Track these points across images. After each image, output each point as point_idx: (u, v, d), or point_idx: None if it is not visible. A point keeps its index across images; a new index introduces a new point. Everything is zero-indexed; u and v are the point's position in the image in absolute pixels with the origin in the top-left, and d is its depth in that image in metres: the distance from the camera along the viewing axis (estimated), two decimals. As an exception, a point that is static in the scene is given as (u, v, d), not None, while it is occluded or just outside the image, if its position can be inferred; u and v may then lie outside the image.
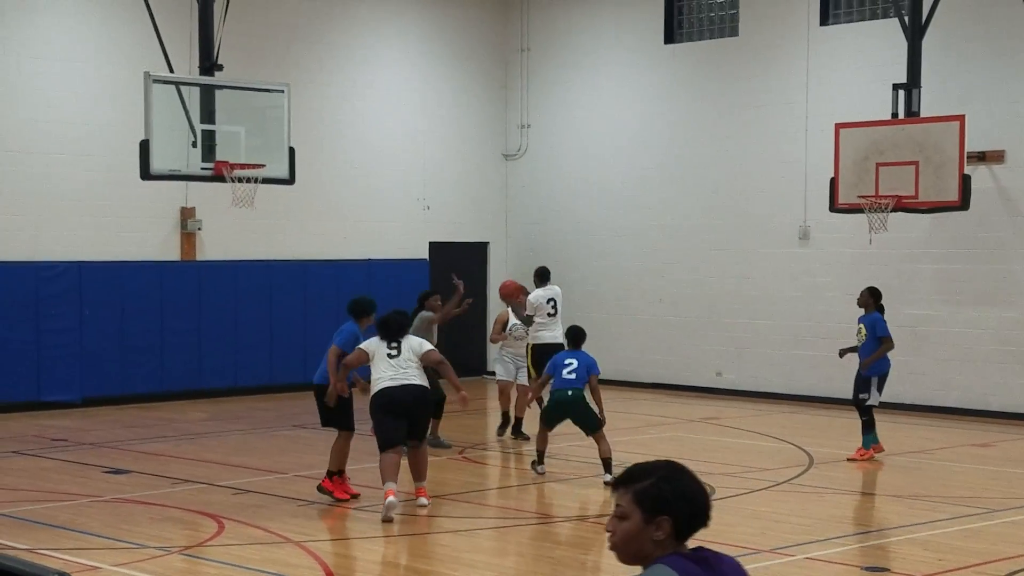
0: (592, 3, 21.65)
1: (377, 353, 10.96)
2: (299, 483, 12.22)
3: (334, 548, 10.10)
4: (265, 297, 19.75)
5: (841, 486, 12.30)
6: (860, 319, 14.09)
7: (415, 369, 10.96)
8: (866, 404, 13.68)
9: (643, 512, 3.30)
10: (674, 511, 3.30)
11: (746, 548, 9.71)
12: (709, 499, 3.39)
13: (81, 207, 18.20)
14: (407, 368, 10.91)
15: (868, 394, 13.68)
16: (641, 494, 3.32)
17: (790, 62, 19.32)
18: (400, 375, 10.88)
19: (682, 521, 3.31)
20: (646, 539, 3.31)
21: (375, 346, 11.01)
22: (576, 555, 9.81)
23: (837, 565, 9.16)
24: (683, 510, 3.30)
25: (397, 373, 10.89)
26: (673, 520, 3.31)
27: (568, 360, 12.44)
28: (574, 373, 12.39)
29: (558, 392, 12.38)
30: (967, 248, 17.63)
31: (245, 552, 9.55)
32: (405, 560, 9.88)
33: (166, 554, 9.51)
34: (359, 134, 21.11)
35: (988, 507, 11.25)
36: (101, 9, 18.25)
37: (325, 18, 20.68)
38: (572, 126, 22.03)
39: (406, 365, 10.94)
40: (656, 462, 3.44)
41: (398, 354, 10.97)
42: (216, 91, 13.43)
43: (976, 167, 16.90)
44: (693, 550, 3.35)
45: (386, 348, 10.99)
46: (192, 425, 16.44)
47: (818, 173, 18.05)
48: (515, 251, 22.89)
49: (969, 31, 17.55)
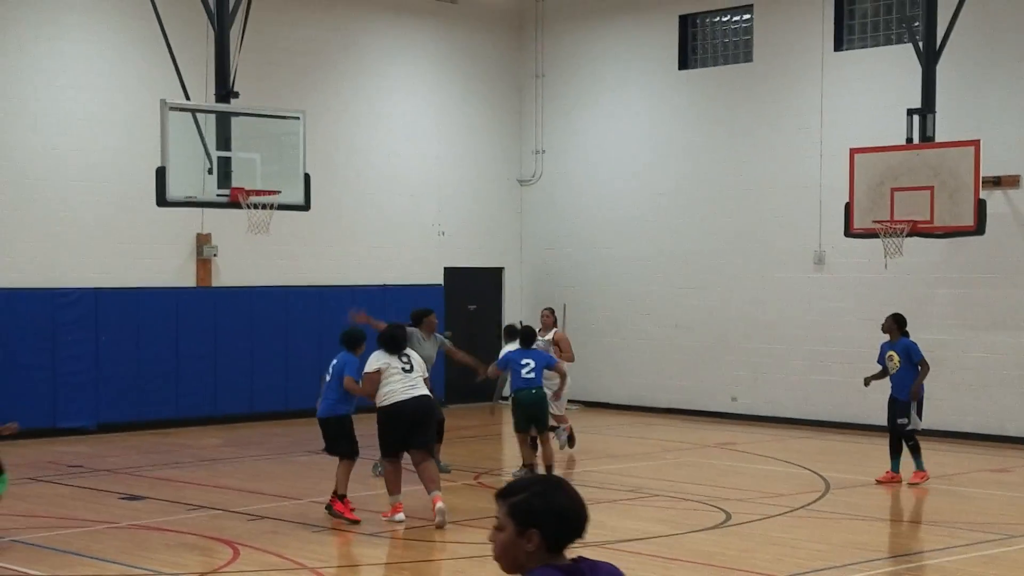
0: (606, 29, 21.72)
1: (391, 367, 11.41)
2: (314, 509, 12.21)
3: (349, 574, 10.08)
4: (280, 323, 19.78)
5: (858, 512, 12.24)
6: (889, 346, 14.11)
7: (422, 382, 11.59)
8: (907, 429, 13.64)
9: (515, 524, 3.47)
10: (543, 524, 3.44)
11: (763, 574, 9.68)
12: (584, 512, 3.51)
13: (97, 234, 18.29)
14: (416, 381, 11.50)
15: (908, 419, 13.65)
16: (514, 507, 3.49)
17: (804, 87, 19.34)
18: (411, 388, 11.43)
19: (551, 533, 3.45)
20: (520, 550, 3.47)
21: (386, 361, 11.43)
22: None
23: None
24: (552, 523, 3.44)
25: (407, 387, 11.41)
26: (542, 532, 3.44)
27: (524, 360, 13.06)
28: (533, 372, 13.44)
29: (522, 392, 13.39)
30: (983, 273, 17.58)
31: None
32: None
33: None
34: (374, 160, 21.19)
35: (1006, 533, 11.18)
36: (118, 37, 18.38)
37: (340, 45, 20.79)
38: (587, 152, 22.07)
39: (416, 379, 11.53)
40: (533, 477, 3.67)
41: (411, 369, 11.53)
42: (232, 118, 13.50)
43: (991, 192, 16.87)
44: (573, 560, 3.48)
45: (399, 362, 11.48)
46: (207, 451, 16.45)
47: (833, 198, 18.03)
48: (530, 277, 22.90)
49: (984, 56, 17.55)
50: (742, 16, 20.31)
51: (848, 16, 19.17)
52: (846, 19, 19.17)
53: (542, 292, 22.60)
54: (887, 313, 18.44)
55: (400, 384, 11.34)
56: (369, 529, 11.34)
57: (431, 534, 11.36)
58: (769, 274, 19.67)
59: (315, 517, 11.78)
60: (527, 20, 22.75)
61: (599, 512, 12.20)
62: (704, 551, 10.62)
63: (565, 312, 22.14)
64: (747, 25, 20.22)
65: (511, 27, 22.79)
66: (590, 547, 11.12)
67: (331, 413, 11.84)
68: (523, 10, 22.74)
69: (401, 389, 11.31)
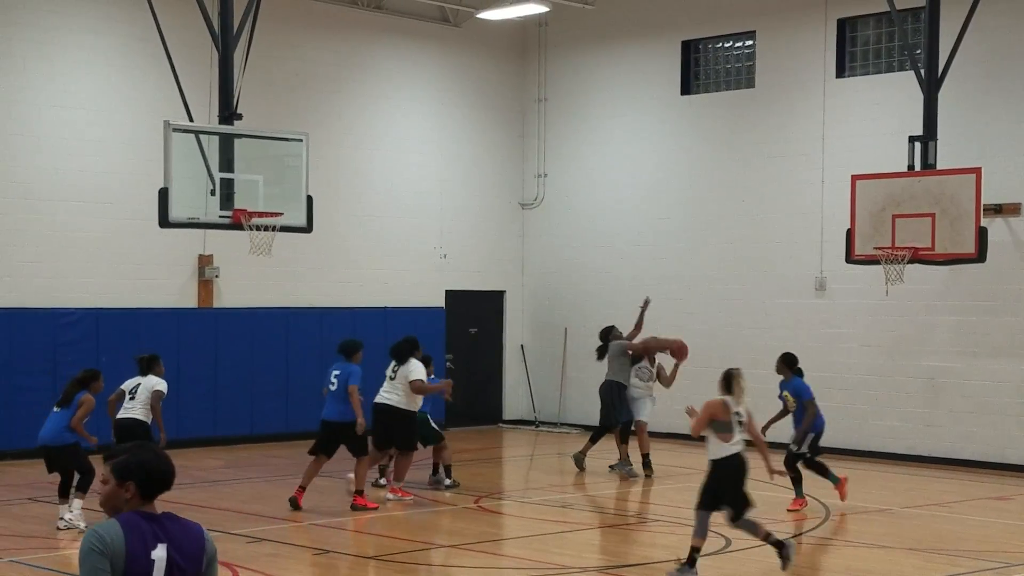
0: (609, 54, 21.79)
1: (387, 374, 13.87)
2: (314, 532, 12.18)
3: (348, 597, 10.05)
4: (282, 345, 19.78)
5: (858, 538, 12.21)
6: (783, 385, 13.97)
7: (397, 392, 13.72)
8: (794, 452, 13.60)
9: (116, 478, 4.42)
10: (136, 477, 4.41)
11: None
12: (169, 469, 4.52)
13: (99, 254, 18.30)
14: (391, 389, 13.76)
15: (798, 445, 13.60)
16: (115, 465, 4.44)
17: (806, 113, 19.39)
18: (385, 395, 13.83)
19: (143, 485, 4.42)
20: (119, 499, 4.42)
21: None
22: (591, 607, 9.74)
23: (854, 619, 9.08)
24: (143, 477, 4.42)
25: (384, 392, 13.83)
26: (137, 484, 4.41)
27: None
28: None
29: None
30: (984, 300, 17.58)
31: (259, 601, 9.51)
32: (419, 610, 9.83)
33: (180, 602, 9.46)
34: (377, 182, 21.23)
35: (1007, 561, 11.15)
36: (122, 58, 18.44)
37: (344, 68, 20.86)
38: (589, 176, 22.11)
39: (392, 387, 13.78)
40: (133, 443, 4.57)
41: (394, 377, 13.82)
42: (235, 140, 13.53)
43: (992, 220, 16.90)
44: (162, 513, 4.47)
45: (389, 371, 13.85)
46: (208, 472, 16.43)
47: (834, 224, 18.05)
48: (531, 300, 22.91)
49: (985, 84, 17.60)
50: (744, 42, 20.38)
51: (850, 43, 19.23)
52: (848, 46, 19.23)
53: (543, 316, 22.61)
54: (890, 340, 18.51)
55: (382, 390, 13.89)
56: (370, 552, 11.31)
57: (431, 557, 11.33)
58: (771, 300, 19.67)
59: (315, 539, 11.75)
60: (530, 44, 22.83)
61: (601, 537, 12.18)
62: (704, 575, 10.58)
63: (566, 337, 22.15)
64: (749, 51, 20.28)
65: (514, 51, 22.87)
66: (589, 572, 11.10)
67: (343, 418, 13.42)
68: (526, 34, 22.82)
69: (380, 393, 13.88)
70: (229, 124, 13.70)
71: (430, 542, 12.18)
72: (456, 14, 21.90)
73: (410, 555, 11.39)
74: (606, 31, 21.76)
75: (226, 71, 13.80)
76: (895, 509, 14.00)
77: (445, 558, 11.28)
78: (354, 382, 13.37)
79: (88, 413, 12.43)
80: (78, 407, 12.38)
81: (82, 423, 12.40)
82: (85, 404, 12.39)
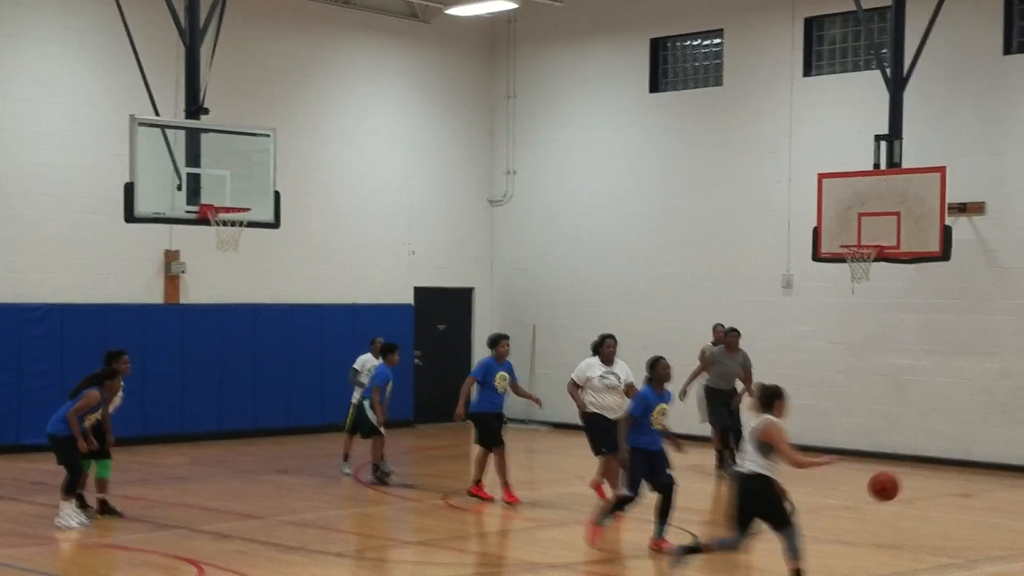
0: (578, 51, 21.82)
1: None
2: (282, 528, 12.15)
3: (315, 594, 10.02)
4: (249, 341, 19.70)
5: (824, 535, 12.28)
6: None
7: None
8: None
9: None
10: None
11: (728, 597, 9.68)
12: None
13: (65, 249, 18.18)
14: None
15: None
16: None
17: (773, 112, 19.48)
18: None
19: None
20: None
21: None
22: (558, 603, 9.77)
23: (819, 615, 9.14)
24: None
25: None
26: None
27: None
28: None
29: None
30: (949, 299, 17.72)
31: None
32: (386, 607, 9.83)
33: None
34: (345, 178, 21.18)
35: (969, 557, 11.25)
36: (88, 53, 18.31)
37: (313, 63, 20.79)
38: (557, 173, 22.13)
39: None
40: None
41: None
42: (202, 135, 13.48)
43: (957, 218, 17.03)
44: None
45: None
46: (174, 469, 16.35)
47: (801, 222, 18.15)
48: (500, 297, 22.92)
49: (950, 84, 17.73)
50: (712, 40, 20.45)
51: (817, 42, 19.33)
52: (815, 45, 19.33)
53: (512, 312, 22.62)
54: (855, 337, 18.62)
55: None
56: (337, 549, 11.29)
57: (399, 554, 11.32)
58: (738, 298, 19.75)
59: (282, 536, 11.72)
60: (499, 41, 22.82)
61: (567, 533, 12.20)
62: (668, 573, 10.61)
63: (535, 334, 22.17)
64: (717, 49, 20.35)
65: (483, 48, 22.86)
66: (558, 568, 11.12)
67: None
68: (495, 31, 22.82)
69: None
70: (195, 119, 13.64)
71: (397, 539, 12.17)
72: (425, 10, 21.86)
73: (378, 552, 11.38)
74: (575, 28, 21.78)
75: (193, 65, 13.75)
76: (860, 506, 14.07)
77: (413, 555, 11.27)
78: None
79: (87, 408, 12.12)
80: (79, 399, 12.11)
81: (77, 416, 12.09)
82: (85, 398, 12.11)
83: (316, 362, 19.95)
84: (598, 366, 13.01)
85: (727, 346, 16.42)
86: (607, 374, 12.97)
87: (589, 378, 12.99)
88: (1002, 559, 11.03)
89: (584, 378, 13.02)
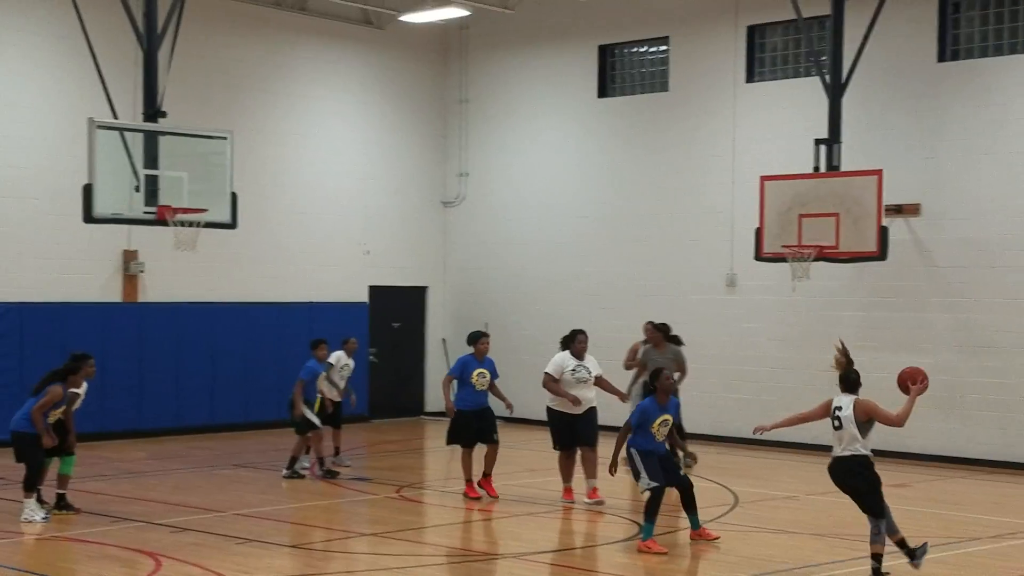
0: (529, 57, 21.84)
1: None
2: (238, 521, 12.08)
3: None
4: (207, 339, 19.58)
5: (765, 525, 12.38)
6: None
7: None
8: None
9: None
10: None
11: (673, 585, 9.73)
12: None
13: (24, 249, 17.98)
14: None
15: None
16: None
17: (717, 116, 19.60)
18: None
19: None
20: None
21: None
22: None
23: (760, 601, 9.21)
24: None
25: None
26: None
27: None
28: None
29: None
30: (886, 297, 17.89)
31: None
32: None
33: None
34: (302, 180, 21.09)
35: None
36: (47, 56, 18.12)
37: (269, 67, 20.69)
38: (509, 175, 22.15)
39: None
40: None
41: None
42: (160, 137, 13.39)
43: (893, 219, 17.20)
44: None
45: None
46: (133, 464, 16.21)
47: (744, 223, 18.27)
48: (453, 296, 22.91)
49: (887, 90, 17.91)
50: (659, 47, 20.53)
51: (759, 49, 19.47)
52: (757, 52, 19.47)
53: (465, 311, 22.61)
54: (796, 334, 18.76)
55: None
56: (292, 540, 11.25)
57: (353, 545, 11.30)
58: (684, 296, 19.85)
59: (238, 529, 11.66)
60: (452, 47, 22.80)
61: (518, 525, 12.23)
62: (618, 562, 10.67)
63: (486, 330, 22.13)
64: (663, 56, 20.44)
65: (436, 53, 22.83)
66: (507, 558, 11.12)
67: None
68: (447, 37, 22.79)
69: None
70: (153, 122, 13.54)
71: (352, 530, 12.14)
72: (379, 16, 21.81)
73: (331, 544, 11.34)
74: (526, 35, 21.80)
75: (150, 69, 13.65)
76: (801, 496, 14.20)
77: (367, 546, 11.24)
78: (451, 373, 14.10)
79: (51, 404, 11.97)
80: (43, 396, 11.96)
81: (42, 413, 11.95)
82: (49, 394, 11.96)
83: (273, 359, 19.85)
84: (570, 360, 13.12)
85: (654, 343, 15.95)
86: (578, 367, 13.10)
87: (564, 371, 13.09)
88: (936, 547, 11.16)
89: (560, 371, 13.11)
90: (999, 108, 16.99)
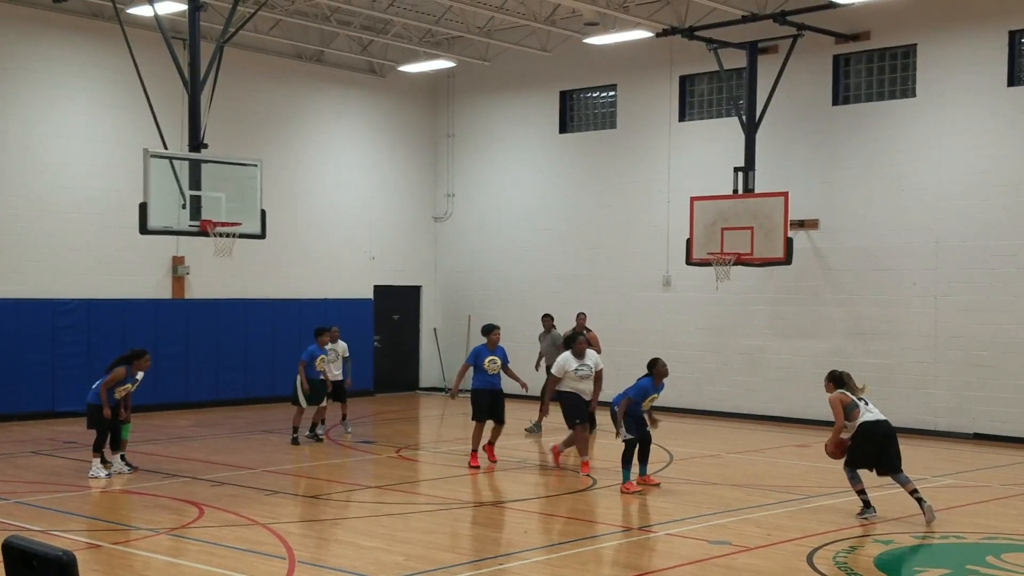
0: (503, 99, 21.84)
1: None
2: (267, 477, 12.03)
3: (294, 529, 9.94)
4: (241, 328, 19.49)
5: (693, 477, 12.41)
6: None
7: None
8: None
9: None
10: None
11: (620, 527, 9.76)
12: None
13: (91, 255, 17.87)
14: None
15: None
16: None
17: (656, 149, 19.64)
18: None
19: None
20: None
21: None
22: (490, 533, 9.77)
23: (690, 540, 9.24)
24: None
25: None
26: None
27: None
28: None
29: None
30: (790, 294, 17.99)
31: (220, 533, 9.38)
32: (351, 538, 9.75)
33: (155, 535, 9.30)
34: (318, 199, 21.02)
35: (806, 494, 11.42)
36: (109, 97, 18.01)
37: (292, 108, 20.62)
38: (488, 195, 22.14)
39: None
40: None
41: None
42: (202, 164, 13.29)
43: (797, 232, 17.29)
44: None
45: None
46: (180, 430, 16.12)
47: (677, 235, 18.33)
48: (442, 294, 22.89)
49: (792, 127, 18.00)
50: (608, 93, 20.56)
51: (689, 95, 19.52)
52: (688, 97, 19.52)
53: (452, 306, 22.59)
54: (720, 324, 18.83)
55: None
56: (311, 492, 11.21)
57: (360, 496, 11.27)
58: (629, 293, 19.89)
59: (267, 483, 11.61)
60: (440, 91, 22.77)
61: (495, 479, 12.22)
62: (577, 508, 10.69)
63: (470, 323, 22.15)
64: (612, 100, 20.47)
65: (428, 97, 22.80)
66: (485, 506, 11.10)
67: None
68: (437, 84, 22.77)
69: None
70: (197, 152, 13.45)
71: (358, 483, 12.12)
72: (381, 67, 21.77)
73: (343, 494, 11.31)
74: (501, 82, 21.80)
75: (194, 109, 13.55)
76: (722, 455, 14.26)
77: (372, 496, 11.22)
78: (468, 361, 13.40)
79: (115, 382, 11.90)
80: (108, 375, 11.89)
81: (107, 388, 11.87)
82: (113, 373, 11.89)
83: (295, 345, 19.76)
84: (573, 360, 12.73)
85: (545, 330, 16.62)
86: (581, 367, 12.56)
87: (567, 371, 12.75)
88: (829, 495, 11.23)
89: (563, 371, 12.78)
90: (882, 143, 17.11)
